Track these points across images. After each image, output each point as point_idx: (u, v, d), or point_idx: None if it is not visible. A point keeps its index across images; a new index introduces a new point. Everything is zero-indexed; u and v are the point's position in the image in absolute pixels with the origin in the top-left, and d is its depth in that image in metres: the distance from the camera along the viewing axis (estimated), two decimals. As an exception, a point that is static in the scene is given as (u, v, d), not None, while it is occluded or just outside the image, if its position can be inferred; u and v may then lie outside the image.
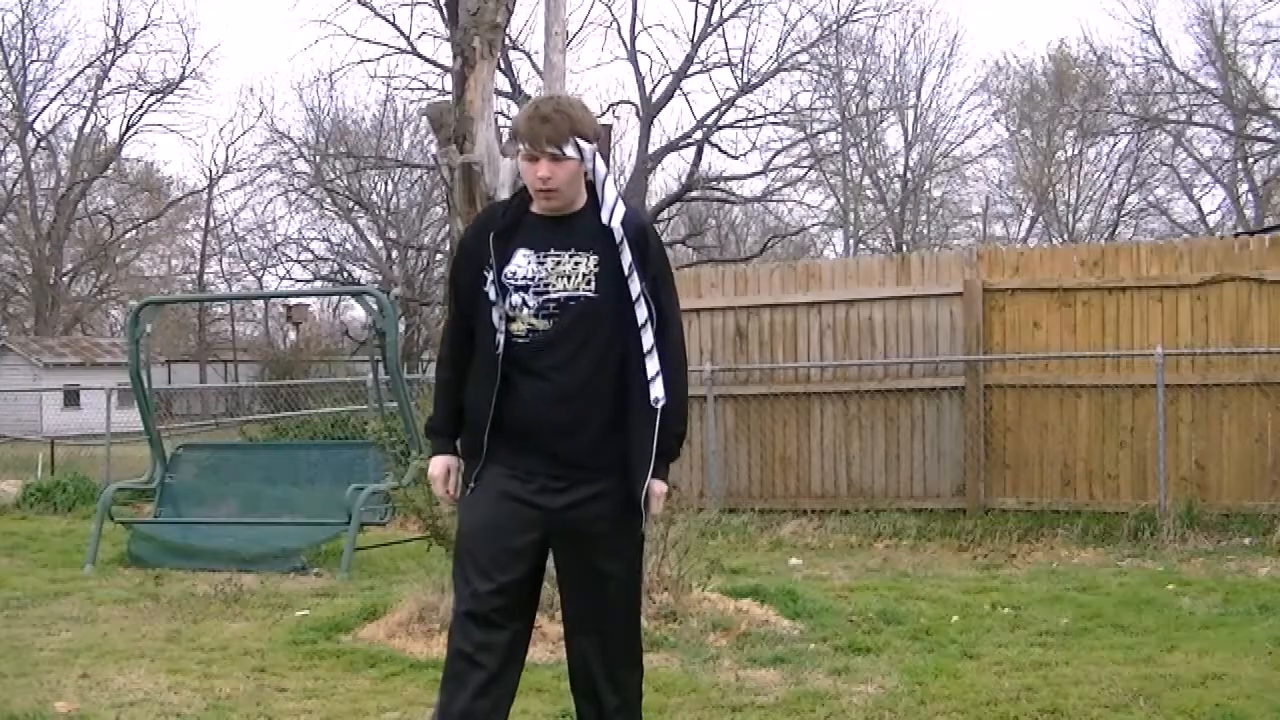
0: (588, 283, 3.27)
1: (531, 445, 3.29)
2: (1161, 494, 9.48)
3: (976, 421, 10.32)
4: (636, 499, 3.28)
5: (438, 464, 3.50)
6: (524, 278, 3.30)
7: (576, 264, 3.29)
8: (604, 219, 3.34)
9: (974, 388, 10.36)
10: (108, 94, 44.24)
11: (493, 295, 3.31)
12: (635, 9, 51.92)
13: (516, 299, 3.29)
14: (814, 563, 8.89)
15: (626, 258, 3.28)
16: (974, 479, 10.33)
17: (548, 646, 5.87)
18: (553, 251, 3.30)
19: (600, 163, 3.37)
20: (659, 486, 3.35)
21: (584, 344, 3.27)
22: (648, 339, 3.28)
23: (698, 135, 36.67)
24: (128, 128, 44.17)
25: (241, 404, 31.31)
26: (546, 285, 3.28)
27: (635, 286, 3.28)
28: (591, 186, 3.38)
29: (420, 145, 38.37)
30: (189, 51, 75.51)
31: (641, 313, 3.27)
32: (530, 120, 3.31)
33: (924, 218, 44.67)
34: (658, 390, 3.26)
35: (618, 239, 3.30)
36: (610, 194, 3.38)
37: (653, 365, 3.28)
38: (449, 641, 3.42)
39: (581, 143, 3.30)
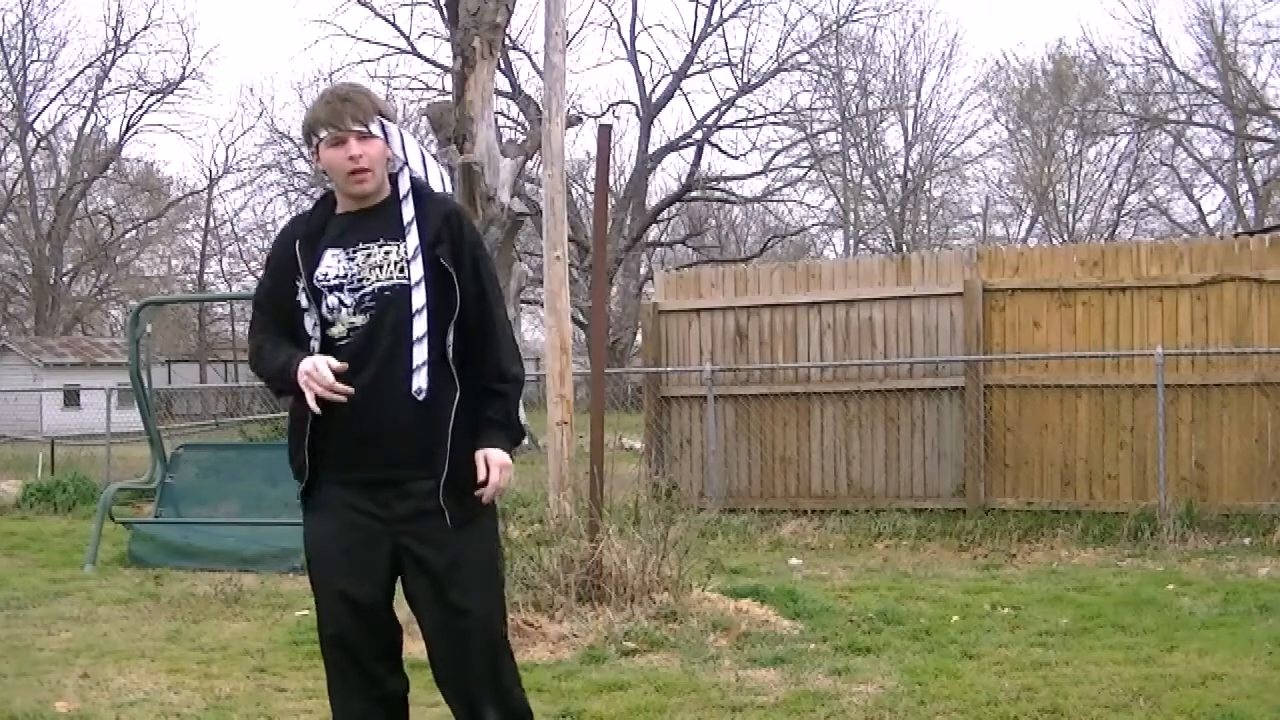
0: (401, 270, 3.16)
1: (366, 450, 3.15)
2: (1161, 494, 9.47)
3: (976, 421, 10.32)
4: (439, 491, 3.15)
5: (307, 362, 3.11)
6: (336, 276, 3.18)
7: (387, 253, 3.18)
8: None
9: (974, 388, 10.36)
10: (108, 94, 44.36)
11: (305, 303, 3.19)
12: (635, 9, 52.16)
13: (333, 300, 3.17)
14: (814, 563, 8.89)
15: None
16: (974, 479, 10.33)
17: (548, 646, 5.88)
18: (361, 245, 3.18)
19: (409, 139, 3.27)
20: (496, 455, 3.20)
21: (406, 333, 3.14)
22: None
23: (698, 135, 36.74)
24: (128, 128, 44.28)
25: (241, 404, 31.32)
26: (360, 280, 3.16)
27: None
28: (393, 179, 3.28)
29: (421, 144, 38.42)
30: (189, 51, 75.92)
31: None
32: (330, 104, 3.20)
33: (924, 218, 44.70)
34: (421, 380, 3.12)
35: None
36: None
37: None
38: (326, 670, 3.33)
39: (385, 122, 3.22)
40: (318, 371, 3.07)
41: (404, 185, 3.26)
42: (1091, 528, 9.46)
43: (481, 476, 3.20)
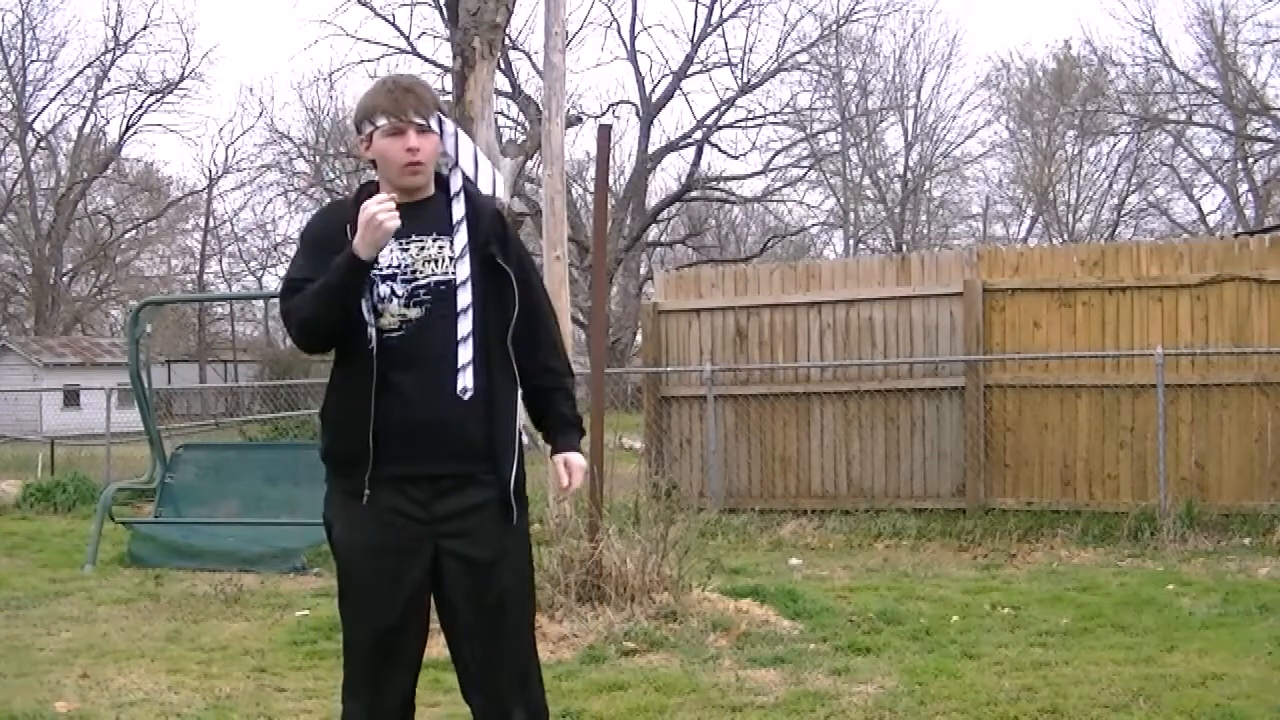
0: (453, 265, 3.15)
1: (415, 445, 3.09)
2: (1161, 494, 9.47)
3: (976, 421, 10.32)
4: (509, 490, 3.16)
5: (369, 206, 3.02)
6: (389, 266, 3.12)
7: (440, 248, 3.15)
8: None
9: (974, 388, 10.36)
10: (107, 94, 44.37)
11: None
12: (635, 9, 52.17)
13: (384, 289, 3.11)
14: (814, 563, 8.89)
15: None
16: (974, 479, 10.33)
17: (548, 646, 5.88)
18: (415, 237, 3.14)
19: (463, 138, 3.27)
20: (577, 460, 3.30)
21: (456, 327, 3.12)
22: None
23: (698, 135, 36.71)
24: (127, 128, 44.28)
25: (241, 404, 31.35)
26: (414, 272, 3.13)
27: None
28: (440, 176, 3.26)
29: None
30: (189, 51, 75.94)
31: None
32: (392, 93, 3.17)
33: (924, 218, 44.72)
34: (466, 380, 3.09)
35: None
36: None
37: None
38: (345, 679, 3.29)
39: (443, 119, 3.21)
40: (384, 220, 2.99)
41: (455, 183, 3.24)
42: (1091, 528, 9.46)
43: (565, 482, 3.29)
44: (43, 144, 43.86)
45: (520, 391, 3.26)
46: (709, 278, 11.95)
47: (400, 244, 3.15)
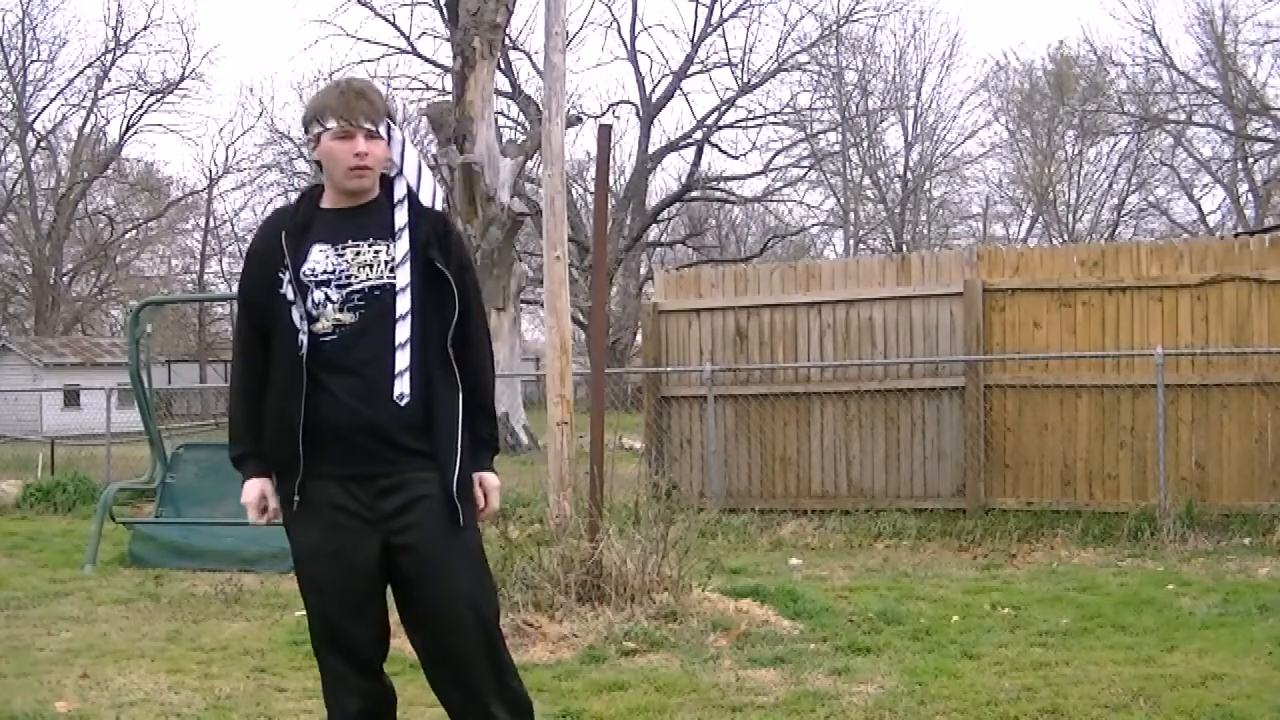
0: (391, 271, 3.16)
1: (351, 447, 3.13)
2: (1161, 494, 9.47)
3: (976, 421, 10.31)
4: (452, 490, 3.18)
5: (253, 489, 3.27)
6: (324, 272, 3.16)
7: (377, 253, 3.18)
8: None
9: (974, 388, 10.36)
10: (108, 94, 44.39)
11: (290, 295, 3.16)
12: (635, 9, 52.37)
13: (319, 295, 3.15)
14: (814, 563, 8.89)
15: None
16: (974, 479, 10.33)
17: (548, 646, 5.88)
18: (351, 243, 3.18)
19: (409, 149, 3.29)
20: (492, 480, 3.32)
21: (391, 337, 3.15)
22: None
23: (698, 135, 36.75)
24: (128, 128, 44.30)
25: (241, 404, 31.25)
26: (349, 277, 3.16)
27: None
28: (385, 180, 3.28)
29: (420, 145, 38.44)
30: (189, 51, 76.05)
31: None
32: (344, 96, 3.19)
33: (924, 218, 44.71)
34: (403, 386, 3.12)
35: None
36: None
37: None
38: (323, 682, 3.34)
39: (392, 126, 3.24)
40: (249, 510, 3.28)
41: (399, 190, 3.25)
42: (1091, 528, 9.46)
43: (481, 504, 3.31)
44: (43, 144, 43.89)
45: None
46: (709, 278, 11.94)
47: (336, 249, 3.18)
